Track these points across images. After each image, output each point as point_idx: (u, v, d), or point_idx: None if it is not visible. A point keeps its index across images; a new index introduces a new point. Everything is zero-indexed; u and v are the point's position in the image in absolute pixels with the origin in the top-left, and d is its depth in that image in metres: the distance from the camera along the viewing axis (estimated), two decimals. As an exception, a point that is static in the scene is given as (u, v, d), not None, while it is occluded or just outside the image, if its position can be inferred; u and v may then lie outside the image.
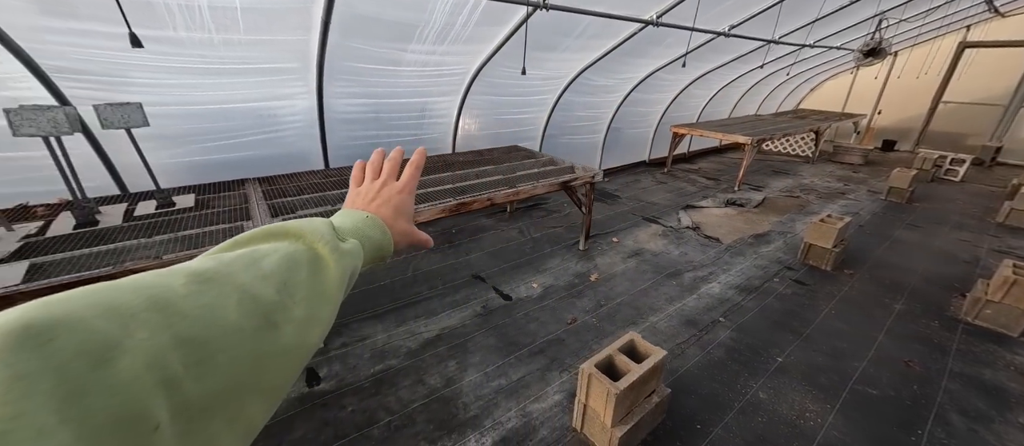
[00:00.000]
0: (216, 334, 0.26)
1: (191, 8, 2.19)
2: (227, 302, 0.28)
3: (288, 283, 0.33)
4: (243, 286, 0.30)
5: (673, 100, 7.06)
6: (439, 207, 2.85)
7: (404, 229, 0.56)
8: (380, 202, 0.55)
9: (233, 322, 0.28)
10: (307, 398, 2.28)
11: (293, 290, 0.33)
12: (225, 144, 3.28)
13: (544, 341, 2.83)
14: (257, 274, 0.31)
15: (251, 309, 0.29)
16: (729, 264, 4.00)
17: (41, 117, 2.05)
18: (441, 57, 3.49)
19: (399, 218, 0.55)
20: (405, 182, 0.59)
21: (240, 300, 0.29)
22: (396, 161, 0.61)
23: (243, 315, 0.28)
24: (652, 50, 4.77)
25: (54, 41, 2.13)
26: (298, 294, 0.33)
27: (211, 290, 0.28)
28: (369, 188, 0.58)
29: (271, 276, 0.32)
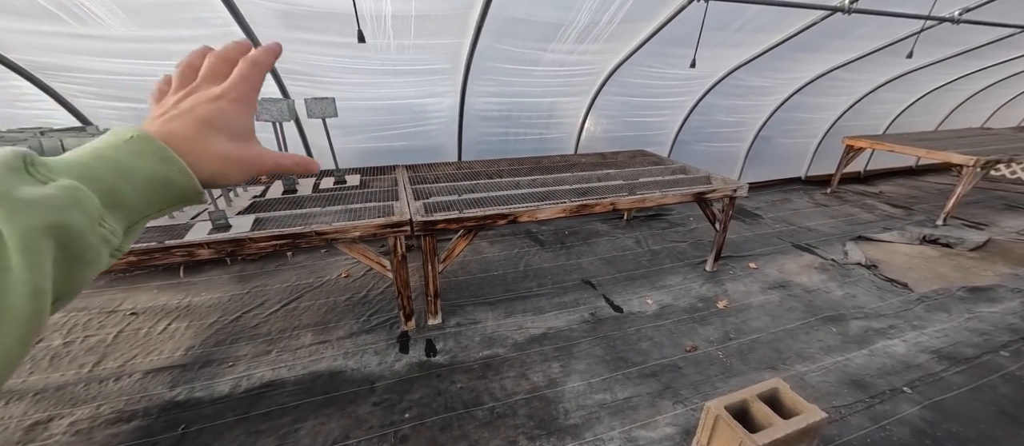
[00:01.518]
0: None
1: (378, 17, 2.62)
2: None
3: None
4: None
5: (851, 106, 5.73)
6: (559, 207, 2.84)
7: (223, 151, 0.38)
8: (172, 115, 0.37)
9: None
10: (425, 366, 2.52)
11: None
12: (387, 134, 3.85)
13: (657, 364, 2.59)
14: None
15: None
16: (923, 320, 3.06)
17: (274, 107, 2.69)
18: (578, 56, 3.46)
19: (210, 134, 0.37)
20: (229, 85, 0.40)
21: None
22: (219, 59, 0.42)
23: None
24: (831, 43, 3.92)
25: (288, 48, 2.78)
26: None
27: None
28: (166, 101, 0.39)
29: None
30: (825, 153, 6.29)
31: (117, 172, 0.31)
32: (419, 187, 3.20)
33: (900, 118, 6.60)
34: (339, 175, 3.26)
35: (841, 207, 5.61)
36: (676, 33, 3.25)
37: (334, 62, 2.97)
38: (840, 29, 3.57)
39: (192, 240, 2.13)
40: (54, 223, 0.26)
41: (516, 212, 2.73)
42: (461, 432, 2.07)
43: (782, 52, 3.89)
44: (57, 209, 0.27)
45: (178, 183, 0.35)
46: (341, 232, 2.35)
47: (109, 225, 0.30)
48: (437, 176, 3.59)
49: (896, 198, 6.07)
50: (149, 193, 0.33)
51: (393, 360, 2.57)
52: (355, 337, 2.77)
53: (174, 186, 0.34)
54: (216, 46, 0.43)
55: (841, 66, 4.50)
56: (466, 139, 4.18)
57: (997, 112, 7.77)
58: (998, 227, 4.91)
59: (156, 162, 0.33)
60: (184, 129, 0.36)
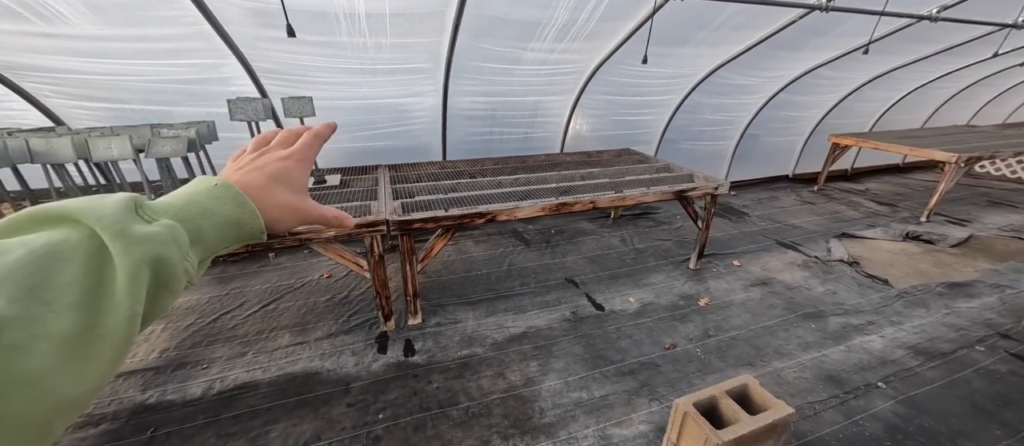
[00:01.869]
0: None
1: (352, 16, 2.60)
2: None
3: (40, 287, 0.25)
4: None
5: (837, 104, 5.77)
6: (539, 205, 2.83)
7: (285, 201, 0.45)
8: (250, 169, 0.44)
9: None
10: (402, 366, 2.51)
11: (52, 295, 0.25)
12: (369, 134, 3.83)
13: (635, 362, 2.59)
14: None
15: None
16: (901, 315, 3.08)
17: (248, 107, 2.67)
18: (560, 55, 3.46)
19: (276, 186, 0.44)
20: (295, 149, 0.48)
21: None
22: (291, 132, 0.51)
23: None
24: (813, 41, 3.94)
25: (263, 47, 2.76)
26: (61, 300, 0.26)
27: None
28: (245, 158, 0.47)
29: (2, 282, 0.24)
30: (812, 151, 6.33)
31: (202, 214, 0.37)
32: (400, 187, 3.18)
33: (886, 116, 6.65)
34: (319, 175, 3.24)
35: (827, 205, 5.64)
36: (658, 31, 3.26)
37: (312, 61, 2.95)
38: (820, 27, 3.59)
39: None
40: (156, 256, 0.31)
41: (494, 211, 2.72)
42: (434, 432, 2.06)
43: (764, 50, 3.90)
44: (160, 244, 0.31)
45: (247, 223, 0.40)
46: (315, 232, 2.33)
47: (190, 259, 0.35)
48: (419, 175, 3.57)
49: (882, 195, 6.12)
50: (224, 231, 0.39)
51: (370, 360, 2.55)
52: (333, 338, 2.75)
53: (243, 226, 0.40)
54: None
55: (823, 64, 4.53)
56: (450, 139, 4.17)
57: (982, 110, 7.85)
58: (980, 223, 4.96)
59: (233, 205, 0.39)
60: (257, 180, 0.43)
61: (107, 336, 0.27)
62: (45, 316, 0.25)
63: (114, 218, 0.30)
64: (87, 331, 0.26)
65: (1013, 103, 8.18)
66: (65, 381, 0.25)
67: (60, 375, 0.24)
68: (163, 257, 0.31)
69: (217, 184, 0.39)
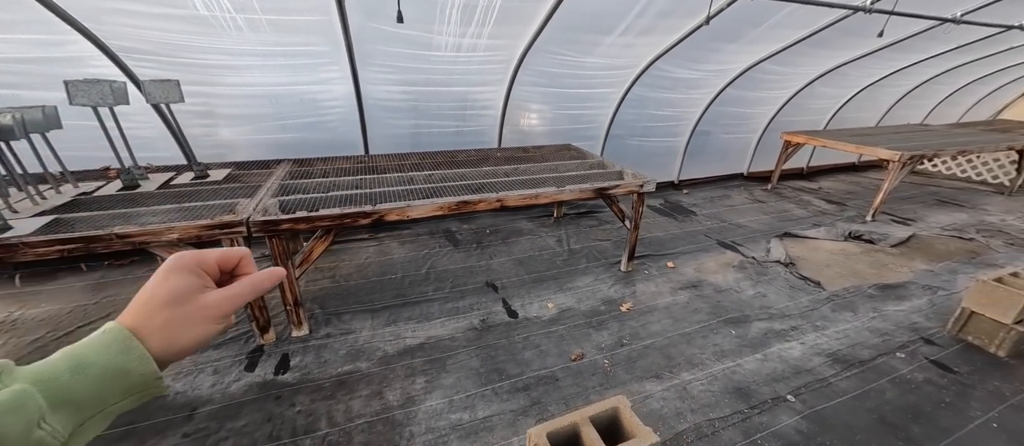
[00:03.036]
0: None
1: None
2: None
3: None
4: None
5: (789, 101, 5.67)
6: (436, 205, 2.57)
7: (170, 316, 0.39)
8: (146, 298, 0.40)
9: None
10: (267, 386, 2.22)
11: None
12: (274, 125, 3.50)
13: (534, 376, 2.36)
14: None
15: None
16: (827, 320, 2.93)
17: (92, 89, 2.32)
18: (474, 41, 3.20)
19: (155, 312, 0.39)
20: (222, 299, 0.43)
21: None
22: (230, 257, 0.47)
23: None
24: (749, 32, 3.78)
25: (112, 21, 2.41)
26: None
27: None
28: (177, 286, 0.41)
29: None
30: (767, 149, 6.24)
31: (74, 369, 0.33)
32: (295, 183, 2.88)
33: (840, 113, 6.61)
34: (200, 170, 2.90)
35: (778, 203, 5.54)
36: (576, 18, 3.02)
37: (183, 39, 2.61)
38: (755, 17, 3.41)
39: (-55, 246, 1.77)
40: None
41: (382, 211, 2.45)
42: (273, 467, 1.78)
43: (698, 41, 3.71)
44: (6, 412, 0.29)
45: (133, 370, 0.35)
46: (153, 235, 2.02)
47: (49, 426, 0.30)
48: (326, 171, 3.27)
49: (834, 194, 6.07)
50: (102, 385, 0.34)
51: (232, 380, 2.25)
52: (198, 353, 2.44)
53: (130, 375, 0.35)
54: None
55: (767, 58, 4.39)
56: (373, 132, 3.87)
57: (936, 109, 7.93)
58: (924, 223, 4.92)
59: (116, 352, 0.35)
60: (147, 309, 0.39)
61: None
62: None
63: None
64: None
65: (966, 102, 8.30)
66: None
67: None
68: (10, 431, 0.28)
69: (107, 329, 0.36)
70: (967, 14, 4.01)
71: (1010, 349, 2.55)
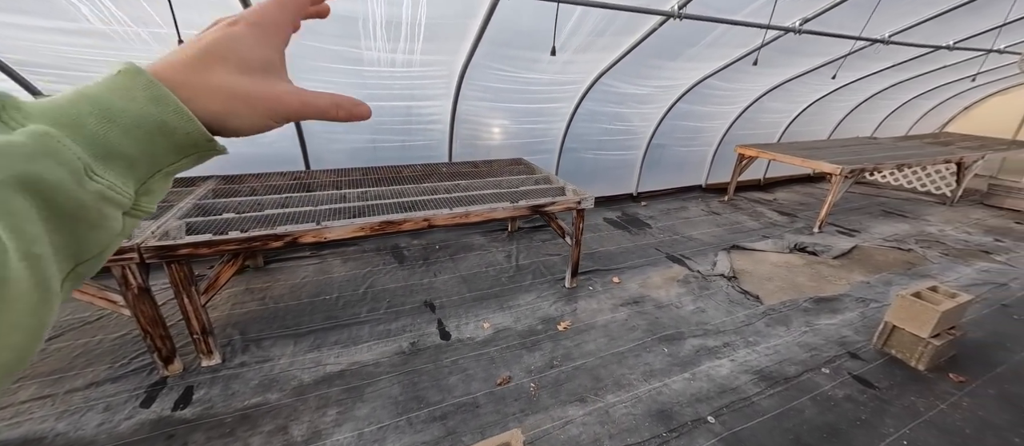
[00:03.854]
0: None
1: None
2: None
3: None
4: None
5: (740, 115, 5.82)
6: (355, 226, 2.48)
7: (229, 86, 0.29)
8: (181, 48, 0.30)
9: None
10: (161, 423, 2.07)
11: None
12: (203, 141, 3.35)
13: (454, 403, 2.27)
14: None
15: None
16: (760, 335, 2.95)
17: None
18: (407, 56, 3.15)
19: (213, 65, 0.29)
20: (252, 9, 0.33)
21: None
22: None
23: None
24: (686, 51, 3.85)
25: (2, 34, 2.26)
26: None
27: None
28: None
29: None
30: (724, 160, 6.37)
31: (101, 116, 0.26)
32: (215, 202, 2.74)
33: (793, 126, 6.83)
34: (111, 189, 2.73)
35: (732, 215, 5.64)
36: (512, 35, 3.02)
37: (82, 52, 2.46)
38: (685, 37, 3.48)
39: None
40: (20, 176, 0.22)
41: (296, 233, 2.35)
42: (144, 518, 1.64)
43: (639, 58, 3.77)
44: (21, 159, 0.22)
45: (177, 128, 0.28)
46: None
47: (105, 180, 0.25)
48: (255, 188, 3.14)
49: (787, 205, 6.23)
50: (145, 142, 0.27)
51: (124, 417, 2.09)
52: (92, 388, 2.26)
53: (174, 132, 0.28)
54: None
55: (711, 75, 4.49)
56: (313, 146, 3.77)
57: (886, 121, 8.29)
58: (868, 234, 5.07)
59: (146, 102, 0.27)
60: (181, 56, 0.29)
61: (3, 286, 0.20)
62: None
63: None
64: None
65: (912, 116, 8.71)
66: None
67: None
68: (33, 175, 0.22)
69: (120, 70, 0.27)
70: (895, 35, 4.20)
71: (928, 363, 2.61)
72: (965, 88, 7.53)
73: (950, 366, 2.65)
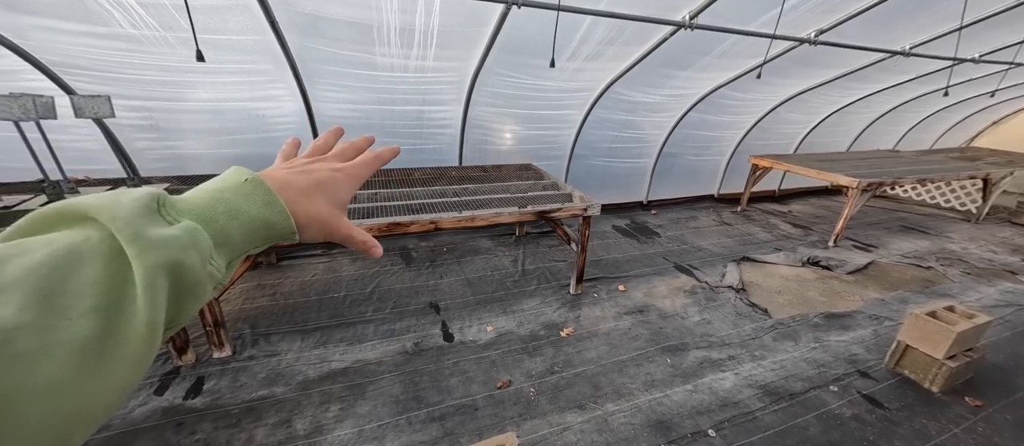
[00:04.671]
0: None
1: (124, 6, 2.29)
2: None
3: (55, 291, 0.23)
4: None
5: (755, 124, 5.74)
6: (365, 226, 2.54)
7: (319, 212, 0.40)
8: (298, 170, 0.41)
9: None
10: (172, 411, 2.15)
11: (67, 301, 0.23)
12: (222, 141, 3.48)
13: (453, 404, 2.30)
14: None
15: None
16: (767, 349, 2.90)
17: (13, 104, 2.29)
18: (420, 62, 3.22)
19: (317, 194, 0.40)
20: (350, 164, 0.45)
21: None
22: (355, 145, 0.49)
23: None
24: (698, 60, 3.83)
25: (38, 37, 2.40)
26: (77, 306, 0.23)
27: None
28: (296, 160, 0.45)
29: (16, 286, 0.22)
30: (738, 170, 6.28)
31: (229, 214, 0.34)
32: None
33: (810, 137, 6.69)
34: (135, 184, 2.87)
35: (744, 226, 5.55)
36: (521, 44, 3.06)
37: (114, 56, 2.60)
38: (697, 46, 3.47)
39: None
40: (173, 262, 0.28)
41: (306, 231, 2.42)
42: (152, 501, 1.71)
43: (650, 68, 3.77)
44: (178, 249, 0.29)
45: (277, 225, 0.37)
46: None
47: (216, 262, 0.32)
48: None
49: (801, 218, 6.10)
50: (251, 233, 0.35)
51: (137, 404, 2.18)
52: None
53: (273, 227, 0.37)
54: None
55: (724, 84, 4.45)
56: (328, 148, 3.86)
57: (909, 133, 8.05)
58: (885, 249, 4.93)
59: (262, 205, 0.36)
60: (298, 182, 0.40)
61: (125, 344, 0.25)
62: (58, 323, 0.23)
63: (128, 219, 0.28)
64: (103, 339, 0.24)
65: (938, 128, 8.44)
66: (81, 391, 0.23)
67: (76, 385, 0.23)
68: (181, 263, 0.29)
69: (248, 180, 0.36)
70: (917, 47, 4.10)
71: (943, 385, 2.52)
72: (995, 101, 7.28)
73: (966, 389, 2.55)
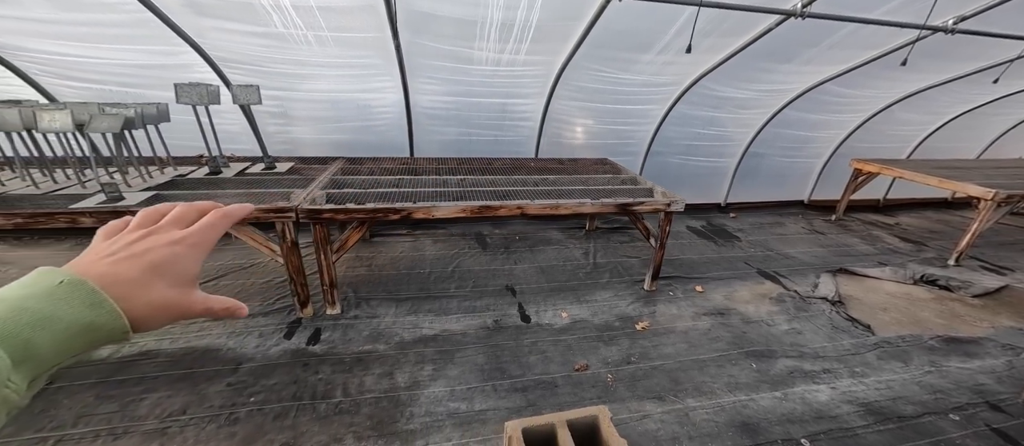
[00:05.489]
0: None
1: (279, 7, 2.70)
2: None
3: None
4: None
5: (862, 125, 5.17)
6: (459, 207, 2.76)
7: (162, 299, 0.36)
8: (122, 256, 0.36)
9: None
10: (299, 354, 2.53)
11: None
12: (333, 127, 3.95)
13: (534, 379, 2.43)
14: None
15: None
16: (869, 367, 2.67)
17: (194, 91, 2.83)
18: (513, 56, 3.38)
19: (155, 280, 0.36)
20: (192, 231, 0.40)
21: None
22: (191, 208, 0.43)
23: None
24: (804, 52, 3.55)
25: (213, 36, 2.92)
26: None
27: None
28: (117, 239, 0.38)
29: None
30: (834, 176, 5.71)
31: (35, 325, 0.29)
32: (344, 178, 3.24)
33: (929, 141, 5.87)
34: (269, 162, 3.37)
35: (839, 236, 5.05)
36: (612, 36, 3.09)
37: (263, 52, 3.09)
38: (805, 37, 3.23)
39: (78, 208, 2.28)
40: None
41: (409, 209, 2.69)
42: (291, 423, 2.04)
43: (746, 60, 3.57)
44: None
45: (103, 326, 0.32)
46: (222, 213, 2.41)
47: (14, 384, 0.28)
48: (372, 170, 3.62)
49: (912, 232, 5.39)
50: (67, 342, 0.31)
51: (272, 344, 2.60)
52: (250, 318, 2.83)
53: (99, 330, 0.32)
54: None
55: (830, 79, 4.08)
56: (418, 137, 4.20)
57: (1063, 143, 6.70)
58: (1022, 274, 4.21)
59: (83, 308, 0.31)
60: (129, 272, 0.35)
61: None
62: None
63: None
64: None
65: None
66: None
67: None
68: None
69: (63, 282, 0.32)
70: (1090, 35, 3.43)
71: (1104, 431, 2.15)
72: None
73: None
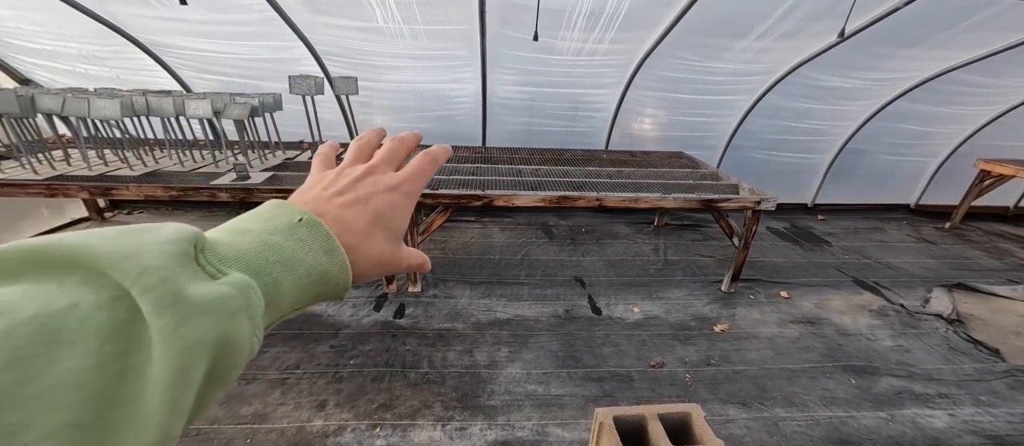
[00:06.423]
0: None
1: (383, 2, 2.88)
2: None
3: (9, 394, 0.15)
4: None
5: (994, 119, 4.44)
6: (538, 196, 2.81)
7: (381, 253, 0.34)
8: (350, 198, 0.33)
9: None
10: (388, 326, 2.76)
11: (23, 416, 0.15)
12: (416, 116, 4.17)
13: (608, 371, 2.44)
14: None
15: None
16: (998, 397, 2.34)
17: (304, 83, 3.14)
18: (595, 45, 3.33)
19: (378, 232, 0.33)
20: (406, 176, 0.37)
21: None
22: (401, 144, 0.40)
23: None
24: (935, 35, 3.10)
25: (321, 32, 3.21)
26: (40, 424, 0.15)
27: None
28: (340, 174, 0.36)
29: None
30: (951, 178, 4.98)
31: (283, 265, 0.26)
32: (424, 165, 3.43)
33: (1086, 141, 4.88)
34: (360, 147, 3.66)
35: (955, 247, 4.42)
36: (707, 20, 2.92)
37: (361, 45, 3.33)
38: (941, 17, 2.81)
39: (216, 185, 2.65)
40: (222, 337, 0.20)
41: (490, 196, 2.79)
42: (387, 386, 2.25)
43: (860, 45, 3.20)
44: (227, 315, 0.21)
45: (333, 278, 0.30)
46: (328, 193, 2.68)
47: (260, 333, 0.24)
48: (450, 158, 3.78)
49: (1055, 247, 4.56)
50: (304, 290, 0.28)
51: (364, 315, 2.85)
52: (344, 289, 3.12)
53: (328, 282, 0.29)
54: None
55: (962, 66, 3.53)
56: (491, 127, 4.31)
57: None
58: None
59: (321, 253, 0.29)
60: (357, 221, 0.32)
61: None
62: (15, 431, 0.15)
63: (163, 274, 0.20)
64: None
65: None
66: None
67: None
68: (231, 338, 0.21)
69: (302, 220, 0.29)
70: None
71: None
72: None
73: None
